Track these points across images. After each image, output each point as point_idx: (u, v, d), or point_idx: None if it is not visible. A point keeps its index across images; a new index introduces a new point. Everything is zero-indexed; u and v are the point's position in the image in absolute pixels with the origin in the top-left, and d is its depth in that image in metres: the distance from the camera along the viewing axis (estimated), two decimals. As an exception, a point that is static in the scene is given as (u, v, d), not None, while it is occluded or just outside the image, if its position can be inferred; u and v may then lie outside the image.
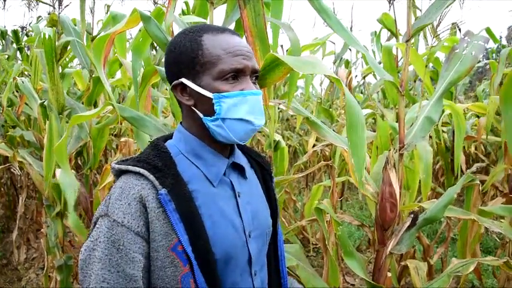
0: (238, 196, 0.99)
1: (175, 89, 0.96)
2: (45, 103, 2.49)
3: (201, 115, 0.93)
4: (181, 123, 1.02)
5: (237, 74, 0.92)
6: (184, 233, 0.85)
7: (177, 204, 0.86)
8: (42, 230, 3.43)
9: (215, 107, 0.90)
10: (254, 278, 0.99)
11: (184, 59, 0.92)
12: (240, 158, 1.06)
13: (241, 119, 0.91)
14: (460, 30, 3.14)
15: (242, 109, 0.91)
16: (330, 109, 4.50)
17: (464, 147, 4.69)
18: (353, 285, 3.75)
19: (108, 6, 4.03)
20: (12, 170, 4.67)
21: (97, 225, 0.86)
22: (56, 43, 2.31)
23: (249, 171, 1.09)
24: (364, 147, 1.17)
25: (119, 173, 0.92)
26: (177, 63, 0.94)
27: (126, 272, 0.82)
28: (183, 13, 2.46)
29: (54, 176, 2.40)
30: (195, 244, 0.86)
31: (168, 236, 0.84)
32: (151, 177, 0.86)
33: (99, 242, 0.83)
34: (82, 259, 0.85)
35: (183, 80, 0.93)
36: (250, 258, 0.98)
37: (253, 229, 1.00)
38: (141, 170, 0.87)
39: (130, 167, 0.89)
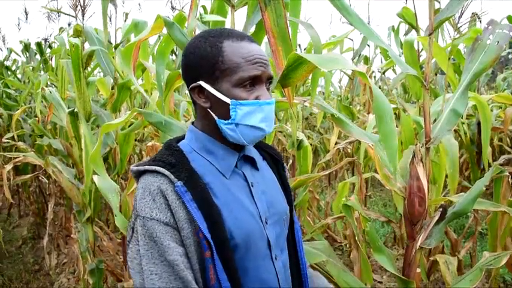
0: (252, 186, 1.04)
1: (193, 91, 1.01)
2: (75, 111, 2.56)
3: (215, 117, 0.99)
4: (193, 123, 1.08)
5: (254, 81, 0.97)
6: (203, 220, 0.90)
7: (193, 194, 0.91)
8: (72, 235, 3.51)
9: (231, 113, 0.96)
10: (275, 261, 1.05)
11: (205, 63, 0.97)
12: (251, 152, 1.11)
13: (253, 126, 0.97)
14: (480, 21, 3.09)
15: (256, 117, 0.97)
16: (350, 106, 4.48)
17: (488, 139, 4.58)
18: (380, 282, 3.72)
19: (127, 14, 4.11)
20: (40, 178, 4.82)
21: (134, 229, 0.93)
22: (82, 53, 2.37)
23: (261, 163, 1.14)
24: (395, 136, 1.17)
25: (138, 175, 0.98)
26: (197, 67, 0.99)
27: (168, 260, 0.87)
28: (201, 16, 2.49)
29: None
30: (213, 231, 0.90)
31: (192, 222, 0.90)
32: (166, 172, 0.93)
33: (139, 240, 0.90)
34: (129, 259, 0.92)
35: (202, 83, 0.98)
36: (269, 243, 1.03)
37: (269, 216, 1.05)
38: (157, 168, 0.94)
39: (147, 167, 0.95)
